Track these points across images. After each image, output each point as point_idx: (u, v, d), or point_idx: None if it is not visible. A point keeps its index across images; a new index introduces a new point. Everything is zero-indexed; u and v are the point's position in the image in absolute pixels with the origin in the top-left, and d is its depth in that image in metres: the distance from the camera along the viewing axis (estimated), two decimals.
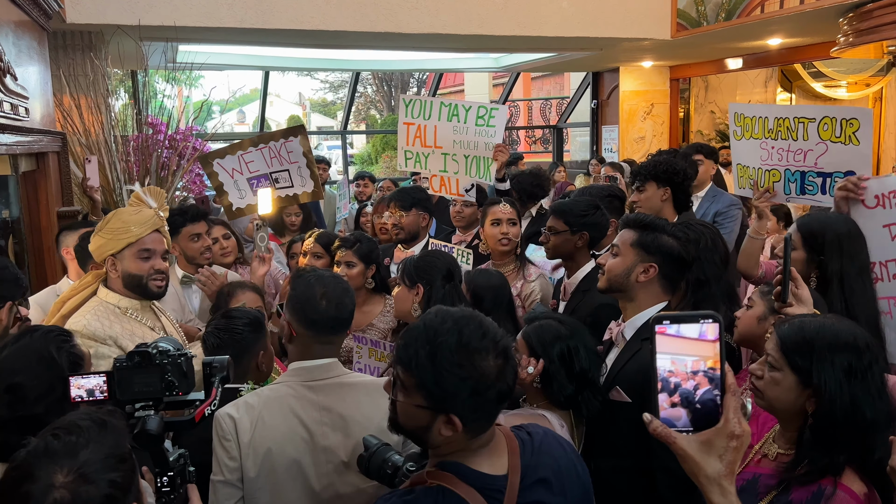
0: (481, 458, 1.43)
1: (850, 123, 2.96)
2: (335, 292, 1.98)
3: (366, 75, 21.38)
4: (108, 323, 2.48)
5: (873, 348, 1.66)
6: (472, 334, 1.35)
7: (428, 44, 7.55)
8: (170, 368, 1.48)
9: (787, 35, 7.26)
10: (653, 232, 2.22)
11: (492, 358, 1.35)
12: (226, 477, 1.85)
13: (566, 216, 3.05)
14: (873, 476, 1.60)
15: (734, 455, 1.13)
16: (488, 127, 4.16)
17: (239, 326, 2.33)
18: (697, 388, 1.12)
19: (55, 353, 1.78)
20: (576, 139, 12.67)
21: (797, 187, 3.19)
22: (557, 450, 1.50)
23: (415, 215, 3.83)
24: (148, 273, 2.54)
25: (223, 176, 4.18)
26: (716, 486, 1.15)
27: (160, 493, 1.46)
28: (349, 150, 15.44)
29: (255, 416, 1.88)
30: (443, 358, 1.32)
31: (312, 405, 1.92)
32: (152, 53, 5.41)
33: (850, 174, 2.94)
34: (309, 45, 7.74)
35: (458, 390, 1.32)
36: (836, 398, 1.59)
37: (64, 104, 5.06)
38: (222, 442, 1.86)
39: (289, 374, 1.99)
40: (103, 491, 1.19)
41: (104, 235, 2.54)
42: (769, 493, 1.64)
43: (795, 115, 3.13)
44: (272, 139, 4.13)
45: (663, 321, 1.14)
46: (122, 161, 5.04)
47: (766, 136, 3.26)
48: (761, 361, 1.75)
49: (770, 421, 1.85)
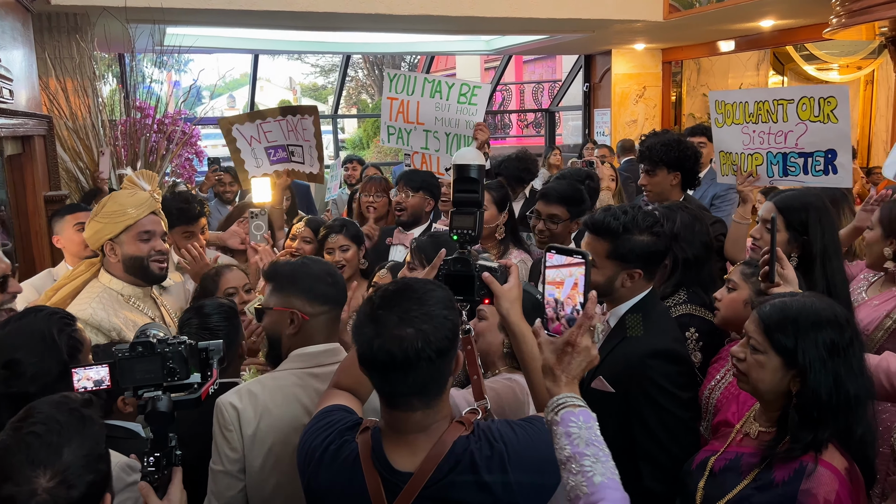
0: (402, 445, 1.44)
1: (828, 102, 2.97)
2: (328, 267, 1.99)
3: (357, 59, 21.23)
4: (113, 311, 2.47)
5: (852, 324, 1.67)
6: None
7: (419, 26, 7.50)
8: (171, 356, 1.50)
9: (780, 16, 7.24)
10: (626, 236, 2.07)
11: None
12: (226, 467, 1.82)
13: (568, 204, 3.04)
14: (854, 451, 1.62)
15: (569, 358, 1.40)
16: (470, 105, 4.14)
17: (215, 322, 2.28)
18: (564, 308, 1.44)
19: (56, 335, 1.79)
20: (568, 123, 12.63)
21: (780, 169, 3.20)
22: (508, 436, 1.48)
23: (420, 198, 3.81)
24: (148, 254, 2.53)
25: (241, 142, 4.12)
26: (549, 372, 1.42)
27: (145, 472, 1.47)
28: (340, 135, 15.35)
29: (259, 406, 1.84)
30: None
31: (317, 393, 1.88)
32: (139, 36, 5.33)
33: (831, 152, 2.96)
34: (298, 28, 7.67)
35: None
36: (821, 376, 1.60)
37: (50, 87, 4.98)
38: (223, 432, 1.83)
39: (292, 361, 1.94)
40: (81, 491, 1.21)
41: (101, 220, 2.51)
42: (752, 471, 1.65)
43: (774, 97, 3.15)
44: (291, 113, 4.07)
45: (551, 249, 1.49)
46: (110, 145, 4.98)
47: (747, 121, 3.27)
48: (743, 343, 1.75)
49: (750, 400, 1.86)
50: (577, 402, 1.37)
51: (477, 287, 1.65)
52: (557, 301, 1.45)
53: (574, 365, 1.39)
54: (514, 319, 1.64)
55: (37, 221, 4.03)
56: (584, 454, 1.31)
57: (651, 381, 1.98)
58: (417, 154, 4.36)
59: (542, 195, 3.19)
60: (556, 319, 1.45)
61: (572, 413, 1.35)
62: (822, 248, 2.47)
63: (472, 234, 1.69)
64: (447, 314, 1.41)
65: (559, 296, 1.45)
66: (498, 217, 3.30)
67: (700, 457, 1.82)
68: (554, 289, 1.46)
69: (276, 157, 4.14)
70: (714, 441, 1.90)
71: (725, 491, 1.67)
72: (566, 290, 1.43)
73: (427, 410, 1.44)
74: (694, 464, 1.81)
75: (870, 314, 2.51)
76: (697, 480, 1.75)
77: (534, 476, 1.46)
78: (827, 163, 3.06)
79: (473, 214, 1.69)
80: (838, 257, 2.51)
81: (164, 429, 1.49)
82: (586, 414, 1.36)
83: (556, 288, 1.46)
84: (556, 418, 1.36)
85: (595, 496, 1.27)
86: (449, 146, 4.22)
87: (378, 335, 1.37)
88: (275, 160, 4.14)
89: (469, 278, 1.65)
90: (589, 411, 1.37)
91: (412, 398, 1.42)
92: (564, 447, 1.33)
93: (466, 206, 1.70)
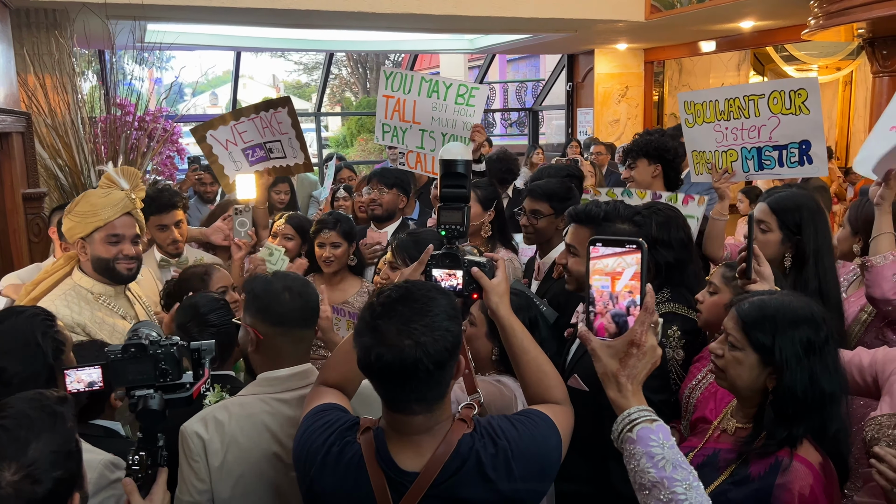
0: (406, 445, 1.44)
1: (799, 94, 3.02)
2: (296, 284, 1.90)
3: (340, 57, 21.15)
4: (78, 309, 2.43)
5: (829, 322, 1.68)
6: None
7: (402, 24, 7.48)
8: (163, 357, 1.50)
9: (760, 17, 7.31)
10: (608, 224, 2.16)
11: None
12: (194, 498, 1.77)
13: (551, 200, 3.04)
14: (828, 446, 1.64)
15: (635, 360, 1.29)
16: (468, 106, 4.13)
17: (213, 319, 2.27)
18: (620, 302, 1.32)
19: (40, 338, 1.76)
20: (551, 122, 12.68)
21: (755, 164, 3.24)
22: (510, 432, 1.48)
23: (394, 195, 3.83)
24: (115, 257, 2.48)
25: (217, 148, 4.07)
26: (612, 381, 1.32)
27: (130, 471, 1.47)
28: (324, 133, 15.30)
29: (227, 436, 1.78)
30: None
31: (287, 421, 1.83)
32: (120, 32, 5.27)
33: (805, 143, 3.00)
34: (280, 25, 7.63)
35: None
36: (797, 374, 1.62)
37: (28, 84, 4.92)
38: (190, 462, 1.78)
39: (259, 385, 1.87)
40: (47, 487, 1.20)
41: (73, 218, 2.48)
42: (728, 467, 1.67)
43: (744, 93, 3.18)
44: (263, 109, 4.03)
45: (596, 243, 1.34)
46: (90, 143, 4.93)
47: (718, 119, 3.30)
48: (721, 340, 1.77)
49: (727, 397, 1.88)
50: (652, 417, 1.29)
51: (466, 282, 1.65)
52: (613, 295, 1.32)
53: (639, 368, 1.31)
54: (504, 313, 1.64)
55: (15, 219, 4.00)
56: (675, 479, 1.23)
57: None
58: (412, 153, 4.36)
59: (528, 191, 3.20)
60: (603, 315, 1.34)
61: (650, 430, 1.27)
62: (815, 248, 2.51)
63: (459, 229, 1.68)
64: (448, 325, 1.39)
65: (616, 287, 1.31)
66: (484, 215, 3.31)
67: None
68: (606, 280, 1.33)
69: (254, 157, 4.10)
70: (692, 437, 1.92)
71: (703, 486, 1.68)
72: (624, 280, 1.30)
73: (428, 414, 1.43)
74: None
75: (847, 310, 2.57)
76: None
77: (536, 471, 1.47)
78: (801, 154, 3.10)
79: (461, 210, 1.69)
80: (830, 257, 2.55)
81: (154, 427, 1.49)
82: (664, 430, 1.28)
83: (612, 279, 1.32)
84: (632, 436, 1.28)
85: None
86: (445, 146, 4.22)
87: (377, 344, 1.36)
88: (254, 160, 4.10)
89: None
90: (664, 425, 1.29)
91: (412, 404, 1.41)
92: (647, 471, 1.24)
93: (454, 202, 1.69)
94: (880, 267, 2.49)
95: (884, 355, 2.03)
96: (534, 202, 3.10)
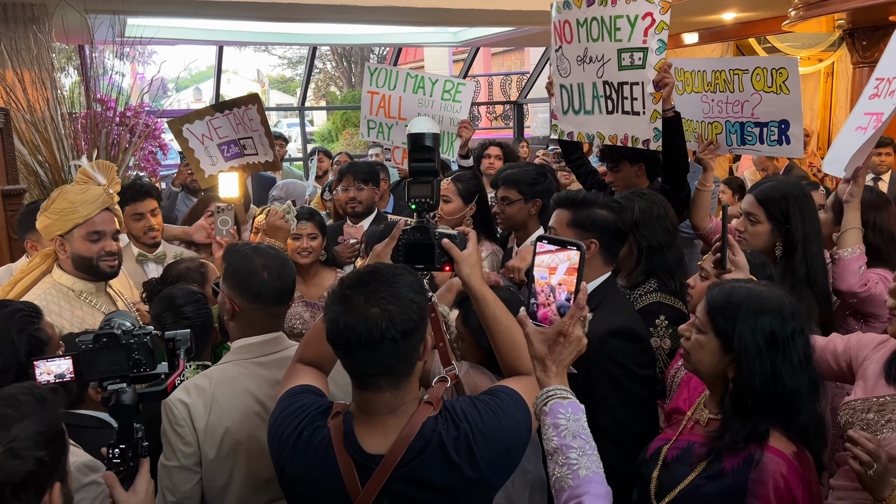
0: (373, 427, 1.47)
1: (780, 73, 3.04)
2: (275, 263, 1.95)
3: (325, 51, 21.07)
4: (58, 309, 2.41)
5: (799, 317, 1.66)
6: None
7: (385, 17, 7.45)
8: (136, 347, 1.49)
9: (741, 9, 7.35)
10: (587, 208, 2.23)
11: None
12: (181, 462, 1.82)
13: (518, 185, 3.06)
14: (799, 440, 1.63)
15: (561, 348, 1.40)
16: (454, 102, 4.11)
17: (189, 312, 2.28)
18: (557, 294, 1.43)
19: (14, 335, 1.76)
20: (537, 115, 12.71)
21: (738, 138, 3.27)
22: (472, 415, 1.50)
23: (370, 190, 3.83)
24: (98, 255, 2.46)
25: (193, 142, 4.07)
26: (540, 363, 1.42)
27: (111, 464, 1.47)
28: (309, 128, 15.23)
29: (209, 399, 1.84)
30: None
31: (266, 381, 1.90)
32: (99, 27, 5.22)
33: (784, 123, 3.04)
34: (263, 19, 7.58)
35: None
36: (756, 366, 1.61)
37: (6, 79, 4.87)
38: (175, 428, 1.82)
39: (235, 352, 1.95)
40: (28, 467, 1.20)
41: (50, 216, 2.45)
42: (701, 462, 1.67)
43: (730, 67, 3.20)
44: (235, 105, 4.03)
45: (543, 240, 1.46)
46: (70, 138, 4.89)
47: (705, 90, 3.32)
48: (690, 323, 1.79)
49: (700, 386, 1.88)
50: (566, 395, 1.38)
51: (437, 255, 1.67)
52: (552, 287, 1.44)
53: (565, 355, 1.41)
54: (476, 283, 1.68)
55: None
56: (571, 447, 1.32)
57: (610, 359, 2.05)
58: (398, 149, 4.34)
59: (500, 180, 3.21)
60: (546, 306, 1.45)
61: (561, 405, 1.36)
62: (803, 236, 2.54)
63: (429, 202, 1.71)
64: (414, 297, 1.44)
65: (552, 281, 1.44)
66: (464, 209, 3.31)
67: (654, 445, 1.84)
68: (546, 273, 1.45)
69: (229, 153, 4.11)
70: (667, 429, 1.92)
71: (678, 481, 1.69)
72: (559, 275, 1.43)
73: (395, 392, 1.46)
74: (648, 452, 1.83)
75: None
76: (651, 470, 1.77)
77: (499, 451, 1.50)
78: (781, 133, 3.12)
79: (430, 183, 1.71)
80: (818, 244, 2.58)
81: (129, 421, 1.48)
82: (574, 406, 1.37)
83: (550, 273, 1.45)
84: (545, 409, 1.37)
85: (579, 489, 1.29)
86: None
87: (344, 313, 1.40)
88: (229, 156, 4.10)
89: (429, 246, 1.68)
90: (577, 403, 1.39)
91: (378, 378, 1.44)
92: (552, 438, 1.34)
93: (423, 175, 1.71)
94: (847, 260, 2.54)
95: (857, 341, 2.06)
96: (502, 189, 3.13)
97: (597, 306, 2.15)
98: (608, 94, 3.10)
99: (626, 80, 2.98)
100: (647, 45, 2.85)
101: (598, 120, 3.21)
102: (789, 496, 1.55)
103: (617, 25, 2.93)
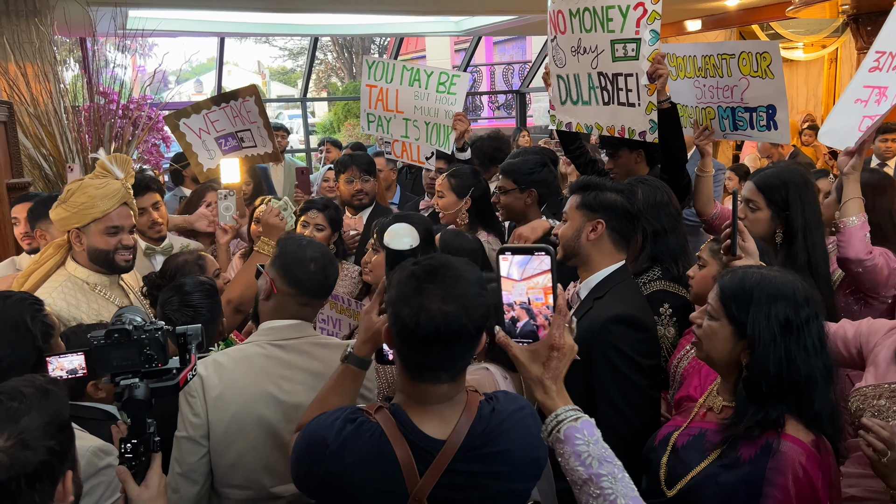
0: (429, 415, 1.47)
1: (763, 57, 3.01)
2: (324, 259, 2.02)
3: (326, 42, 20.99)
4: (76, 302, 2.42)
5: (813, 303, 1.65)
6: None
7: (386, 6, 7.43)
8: (147, 342, 1.49)
9: None
10: (594, 191, 2.25)
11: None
12: (189, 433, 1.86)
13: (514, 175, 3.07)
14: (814, 427, 1.61)
15: (556, 363, 1.37)
16: (449, 94, 4.10)
17: (196, 299, 2.29)
18: (532, 309, 1.39)
19: (30, 322, 1.77)
20: (539, 104, 12.67)
21: (730, 123, 3.26)
22: (520, 431, 1.52)
23: (373, 182, 3.85)
24: (115, 248, 2.48)
25: (191, 136, 4.07)
26: (538, 385, 1.38)
27: (122, 459, 1.47)
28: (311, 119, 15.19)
29: (224, 373, 1.89)
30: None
31: (282, 364, 1.94)
32: (100, 19, 5.21)
33: (771, 108, 3.03)
34: (264, 9, 7.57)
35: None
36: (770, 352, 1.59)
37: (9, 73, 4.87)
38: (187, 398, 1.87)
39: (259, 334, 2.00)
40: (40, 457, 1.22)
41: (68, 209, 2.45)
42: (715, 450, 1.65)
43: (718, 51, 3.17)
44: (232, 98, 4.03)
45: (505, 252, 1.41)
46: (74, 132, 4.89)
47: (697, 75, 3.30)
48: (702, 310, 1.77)
49: (712, 374, 1.86)
50: (577, 415, 1.35)
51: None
52: (530, 303, 1.40)
53: (561, 368, 1.39)
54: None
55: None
56: (601, 475, 1.29)
57: (612, 346, 2.04)
58: (398, 142, 4.35)
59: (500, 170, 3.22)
60: (533, 319, 1.42)
61: (576, 428, 1.33)
62: (803, 222, 2.54)
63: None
64: (482, 292, 1.45)
65: (528, 293, 1.40)
66: (458, 204, 3.32)
67: (663, 432, 1.82)
68: (520, 285, 1.42)
69: (227, 146, 4.11)
70: (677, 416, 1.90)
71: (689, 467, 1.66)
72: (538, 289, 1.39)
73: (453, 383, 1.48)
74: (657, 439, 1.81)
75: None
76: (661, 456, 1.74)
77: (536, 433, 1.52)
78: (769, 118, 3.10)
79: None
80: (819, 230, 2.57)
81: (142, 416, 1.48)
82: (588, 425, 1.35)
83: (521, 283, 1.41)
84: (560, 436, 1.34)
85: None
86: (428, 135, 4.20)
87: (424, 309, 1.39)
88: (226, 149, 4.11)
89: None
90: (588, 420, 1.36)
91: (441, 372, 1.45)
92: (576, 469, 1.31)
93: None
94: (853, 227, 2.54)
95: (868, 327, 2.05)
96: (501, 178, 3.16)
97: (605, 294, 2.16)
98: (603, 84, 3.08)
99: (620, 72, 2.97)
100: (640, 35, 2.81)
101: (596, 111, 3.19)
102: (808, 485, 1.53)
103: (609, 16, 2.90)
